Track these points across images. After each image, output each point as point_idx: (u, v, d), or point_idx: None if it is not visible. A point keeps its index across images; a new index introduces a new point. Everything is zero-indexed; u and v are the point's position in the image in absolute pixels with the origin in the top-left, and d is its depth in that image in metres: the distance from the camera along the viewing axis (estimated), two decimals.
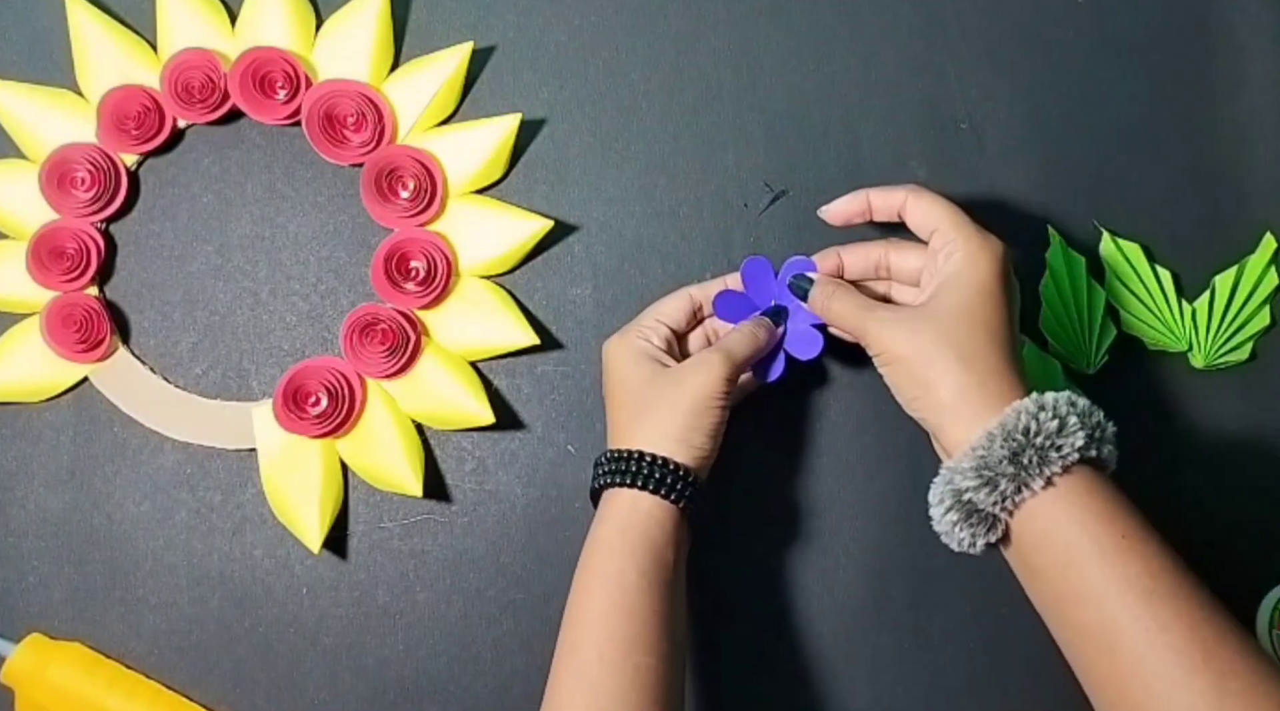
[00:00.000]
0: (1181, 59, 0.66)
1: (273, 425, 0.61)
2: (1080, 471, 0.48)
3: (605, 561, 0.51)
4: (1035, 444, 0.47)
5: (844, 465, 0.63)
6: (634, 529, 0.52)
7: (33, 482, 0.63)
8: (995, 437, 0.47)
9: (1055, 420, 0.47)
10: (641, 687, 0.48)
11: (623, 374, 0.56)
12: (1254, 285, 0.63)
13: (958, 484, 0.48)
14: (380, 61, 0.64)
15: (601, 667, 0.49)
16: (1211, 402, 0.63)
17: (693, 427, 0.53)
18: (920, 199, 0.54)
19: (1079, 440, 0.47)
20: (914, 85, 0.65)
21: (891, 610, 0.62)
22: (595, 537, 0.53)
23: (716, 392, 0.53)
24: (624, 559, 0.51)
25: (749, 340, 0.56)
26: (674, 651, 0.50)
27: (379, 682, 0.62)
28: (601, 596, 0.51)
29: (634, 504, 0.52)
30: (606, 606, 0.50)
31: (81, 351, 0.62)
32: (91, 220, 0.63)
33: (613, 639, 0.49)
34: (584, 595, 0.52)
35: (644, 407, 0.54)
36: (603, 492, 0.54)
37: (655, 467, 0.52)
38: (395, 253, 0.62)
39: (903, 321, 0.52)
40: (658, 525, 0.52)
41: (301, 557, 0.62)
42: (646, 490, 0.52)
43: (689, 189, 0.64)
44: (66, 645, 0.62)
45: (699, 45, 0.65)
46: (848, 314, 0.54)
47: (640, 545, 0.51)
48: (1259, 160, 0.65)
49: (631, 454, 0.53)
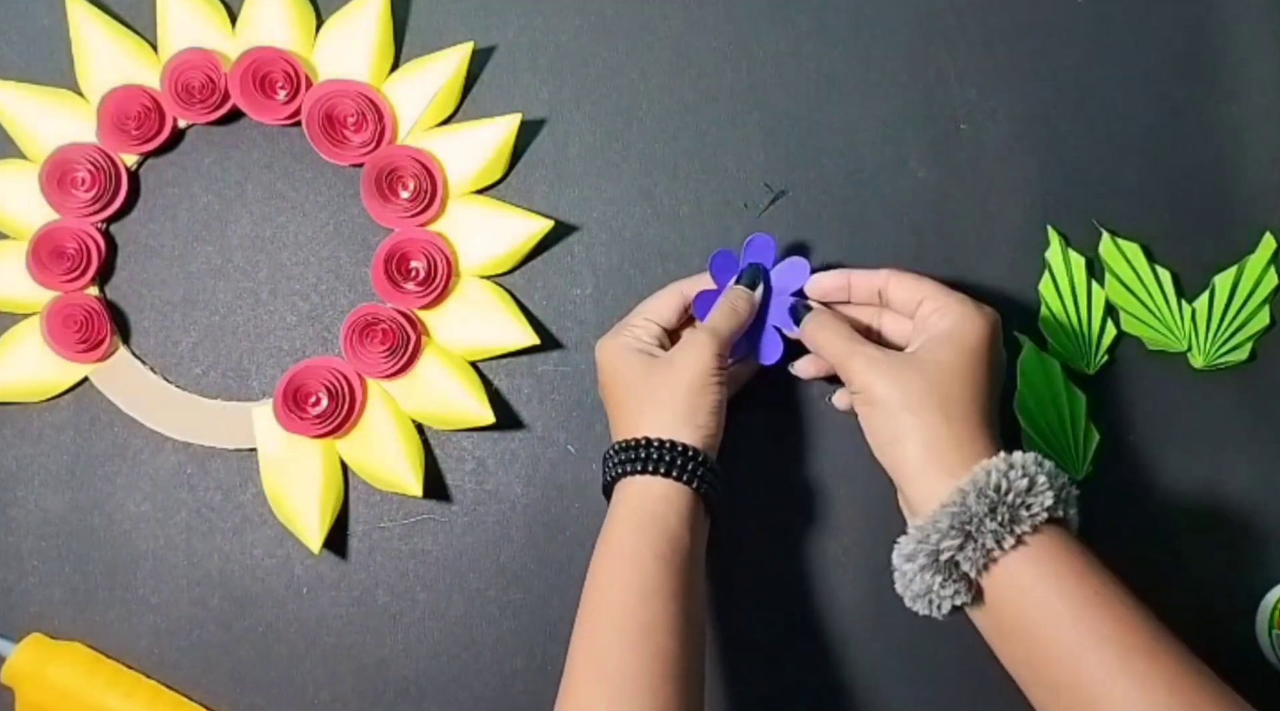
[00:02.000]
0: (1181, 59, 0.66)
1: (273, 425, 0.61)
2: (1049, 530, 0.47)
3: (622, 546, 0.51)
4: (1007, 502, 0.47)
5: (844, 465, 0.63)
6: (648, 514, 0.52)
7: (33, 482, 0.63)
8: (968, 493, 0.47)
9: (1025, 479, 0.47)
10: (660, 668, 0.48)
11: (618, 372, 0.56)
12: (1254, 285, 0.63)
13: (934, 542, 0.47)
14: (380, 61, 0.64)
15: (621, 648, 0.49)
16: (1211, 402, 0.63)
17: (695, 407, 0.53)
18: (903, 278, 0.55)
19: (1048, 499, 0.47)
20: (914, 85, 0.65)
21: (891, 610, 0.62)
22: (611, 526, 0.53)
23: (711, 369, 0.54)
24: (640, 543, 0.51)
25: (730, 313, 0.57)
26: (693, 633, 0.50)
27: (379, 682, 0.62)
28: (620, 580, 0.51)
29: (646, 490, 0.52)
30: (625, 589, 0.50)
31: (82, 351, 0.62)
32: (92, 220, 0.63)
33: (632, 619, 0.49)
34: (602, 580, 0.51)
35: (644, 398, 0.54)
36: (614, 485, 0.54)
37: (665, 451, 0.52)
38: (395, 253, 0.62)
39: (890, 365, 0.51)
40: (673, 509, 0.52)
41: (301, 557, 0.63)
42: (658, 474, 0.52)
43: (689, 189, 0.64)
44: (66, 645, 0.62)
45: (699, 45, 0.65)
46: (834, 345, 0.54)
47: (656, 529, 0.51)
48: (1259, 160, 0.65)
49: (639, 441, 0.53)
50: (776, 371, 0.61)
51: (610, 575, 0.51)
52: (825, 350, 0.55)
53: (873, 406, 0.51)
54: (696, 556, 0.52)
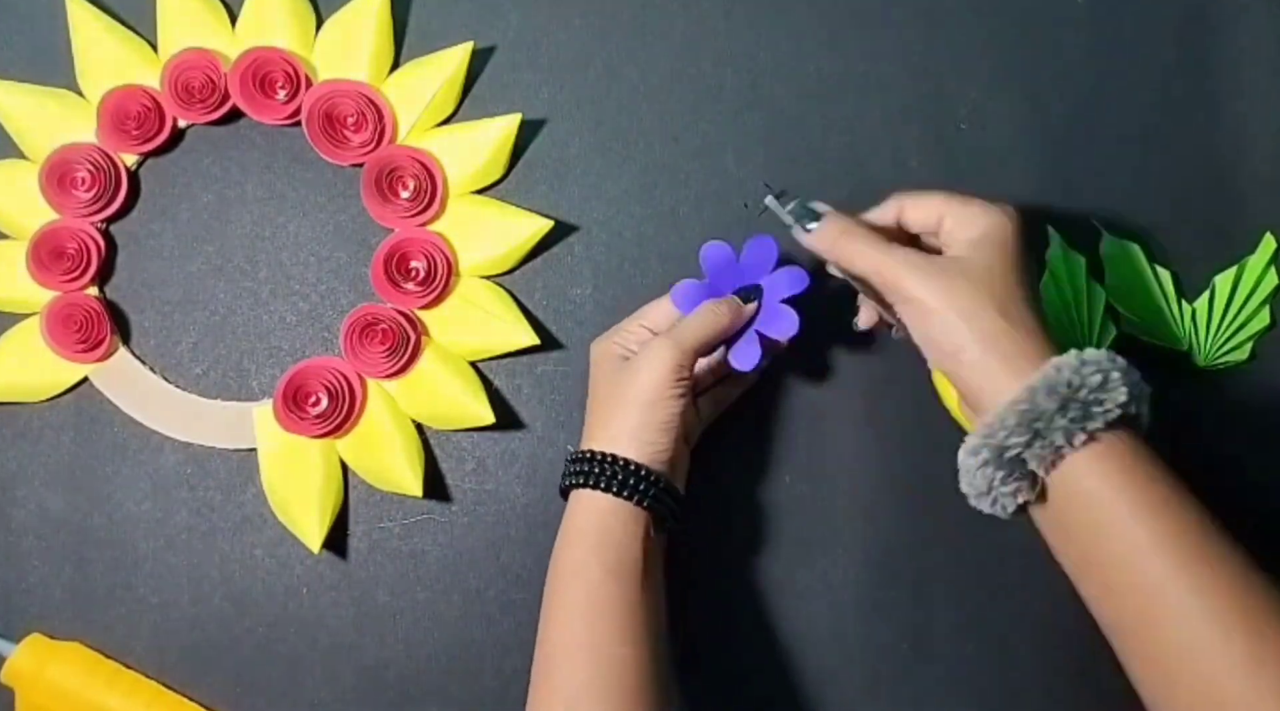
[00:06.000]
0: (1181, 59, 0.66)
1: (273, 425, 0.61)
2: (1120, 429, 0.46)
3: (571, 559, 0.52)
4: (1079, 398, 0.45)
5: (843, 464, 0.63)
6: (595, 528, 0.52)
7: (33, 482, 0.63)
8: (1037, 390, 0.45)
9: (1099, 375, 0.45)
10: (612, 679, 0.48)
11: (595, 376, 0.56)
12: (1254, 285, 0.63)
13: (1000, 439, 0.45)
14: (380, 61, 0.64)
15: (570, 660, 0.49)
16: (1211, 403, 0.63)
17: (644, 424, 0.52)
18: (917, 199, 0.52)
19: (1121, 396, 0.45)
20: (914, 85, 0.65)
21: (891, 610, 0.62)
22: (563, 536, 0.53)
23: (667, 383, 0.52)
24: (588, 556, 0.51)
25: (705, 322, 0.54)
26: (652, 641, 0.50)
27: (379, 682, 0.62)
28: (571, 593, 0.51)
29: (593, 503, 0.52)
30: (576, 602, 0.50)
31: (82, 351, 0.62)
32: (92, 220, 0.63)
33: (582, 632, 0.50)
34: (554, 592, 0.52)
35: (603, 407, 0.54)
36: (569, 492, 0.54)
37: (608, 466, 0.52)
38: (395, 252, 0.62)
39: (937, 269, 0.48)
40: (620, 524, 0.52)
41: (301, 557, 0.62)
42: (601, 489, 0.52)
43: (689, 189, 0.64)
44: (66, 645, 0.62)
45: (699, 45, 0.65)
46: (867, 256, 0.49)
47: (603, 543, 0.51)
48: (1259, 160, 0.65)
49: (585, 454, 0.53)
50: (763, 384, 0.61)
51: (559, 587, 0.52)
52: (856, 260, 0.50)
53: (927, 315, 0.48)
54: (651, 566, 0.52)
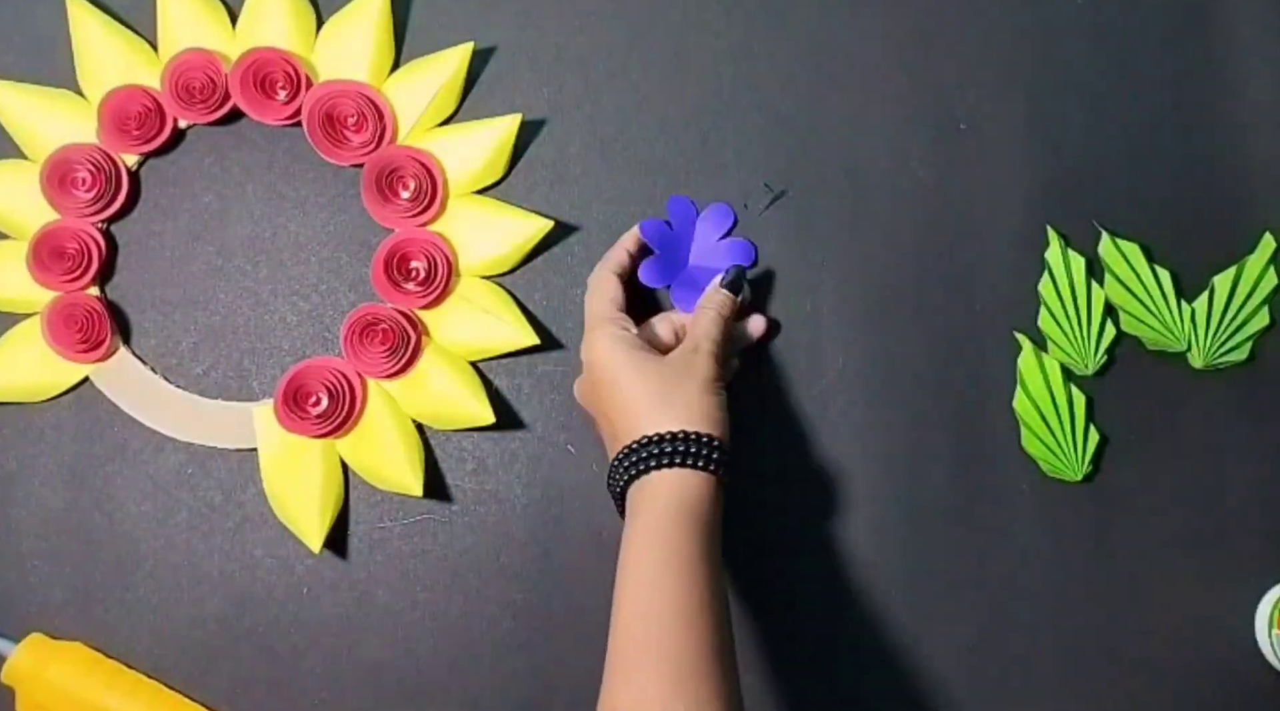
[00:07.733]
0: (1181, 59, 0.66)
1: (273, 425, 0.61)
2: None
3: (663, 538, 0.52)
4: None
5: (843, 465, 0.63)
6: (688, 505, 0.53)
7: (33, 482, 0.63)
8: None
9: None
10: (713, 648, 0.49)
11: (625, 365, 0.56)
12: (1253, 285, 0.63)
13: None
14: (380, 62, 0.64)
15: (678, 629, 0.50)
16: (1211, 403, 0.63)
17: (716, 405, 0.55)
18: None
19: None
20: (915, 86, 0.65)
21: (891, 610, 0.62)
22: (647, 520, 0.53)
23: (718, 375, 0.57)
24: (680, 531, 0.52)
25: (718, 322, 0.59)
26: (727, 615, 0.52)
27: (379, 682, 0.62)
28: (669, 566, 0.51)
29: (683, 482, 0.53)
30: (675, 575, 0.51)
31: (82, 351, 0.62)
32: (92, 220, 0.63)
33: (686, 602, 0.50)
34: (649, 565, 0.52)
35: (663, 393, 0.55)
36: (633, 483, 0.54)
37: (700, 444, 0.53)
38: (396, 253, 0.62)
39: None
40: (707, 499, 0.53)
41: (301, 557, 0.63)
42: (689, 467, 0.53)
43: (689, 189, 0.64)
44: (66, 645, 0.62)
45: (699, 45, 0.65)
46: None
47: (694, 519, 0.52)
48: (1259, 160, 0.65)
49: (673, 435, 0.54)
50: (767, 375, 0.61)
51: (657, 559, 0.52)
52: None
53: None
54: (720, 541, 0.54)
